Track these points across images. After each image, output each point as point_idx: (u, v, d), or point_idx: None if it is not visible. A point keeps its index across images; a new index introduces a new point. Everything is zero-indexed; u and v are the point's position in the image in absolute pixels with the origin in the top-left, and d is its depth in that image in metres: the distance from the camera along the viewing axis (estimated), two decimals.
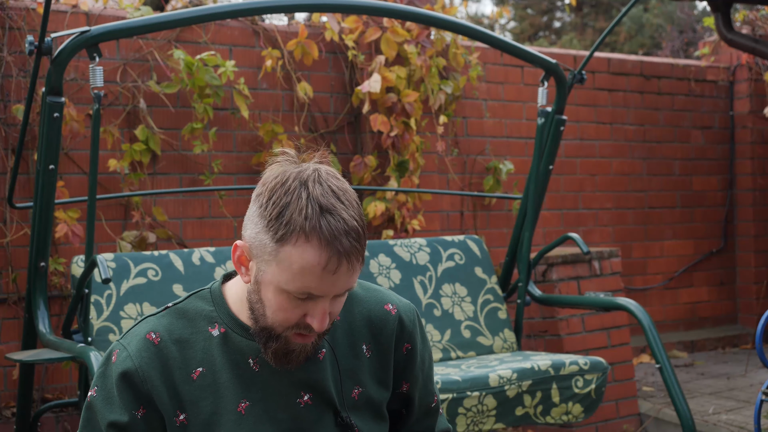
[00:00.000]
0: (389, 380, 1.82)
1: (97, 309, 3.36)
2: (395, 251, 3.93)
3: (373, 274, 3.83)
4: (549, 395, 3.49)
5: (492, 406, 3.37)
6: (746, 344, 6.60)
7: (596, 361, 3.61)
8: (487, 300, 4.02)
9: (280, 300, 1.63)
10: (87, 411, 1.71)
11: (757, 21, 6.59)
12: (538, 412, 3.49)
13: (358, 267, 1.64)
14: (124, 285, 3.43)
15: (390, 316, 1.82)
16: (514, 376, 3.41)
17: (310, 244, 1.58)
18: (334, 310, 1.67)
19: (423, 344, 1.88)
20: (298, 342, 1.67)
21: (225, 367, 1.71)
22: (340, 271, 1.60)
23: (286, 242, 1.59)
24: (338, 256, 1.59)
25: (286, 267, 1.60)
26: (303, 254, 1.59)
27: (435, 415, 1.94)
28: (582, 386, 3.54)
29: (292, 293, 1.62)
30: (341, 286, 1.63)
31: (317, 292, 1.61)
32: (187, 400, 1.69)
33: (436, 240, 4.08)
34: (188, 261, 3.56)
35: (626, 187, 6.40)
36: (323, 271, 1.59)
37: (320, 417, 1.73)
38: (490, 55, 5.72)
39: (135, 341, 1.71)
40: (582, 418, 3.58)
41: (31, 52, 3.10)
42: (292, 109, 4.94)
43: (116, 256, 3.47)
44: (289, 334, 1.66)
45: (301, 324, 1.65)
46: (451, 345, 3.87)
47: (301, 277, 1.60)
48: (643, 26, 14.45)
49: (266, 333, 1.67)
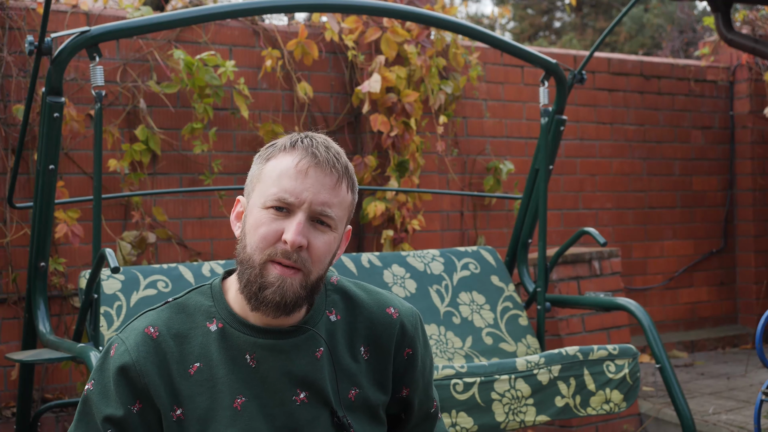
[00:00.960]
0: (388, 384, 1.82)
1: (107, 319, 3.36)
2: (408, 261, 3.93)
3: (387, 284, 3.82)
4: (583, 383, 3.43)
5: (527, 393, 3.33)
6: (746, 344, 6.60)
7: (625, 347, 3.54)
8: (506, 307, 4.01)
9: (259, 217, 1.69)
10: (83, 404, 1.72)
11: (757, 21, 6.59)
12: (577, 403, 3.43)
13: (335, 183, 1.70)
14: (134, 296, 3.42)
15: (391, 320, 1.81)
16: (541, 360, 3.36)
17: (290, 154, 1.71)
18: (314, 241, 1.69)
19: (425, 349, 1.87)
20: (275, 272, 1.68)
21: (222, 362, 1.71)
22: (312, 174, 1.68)
23: (270, 158, 1.72)
24: (312, 157, 1.69)
25: (266, 178, 1.70)
26: (282, 160, 1.70)
27: (434, 420, 1.94)
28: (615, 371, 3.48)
29: (269, 202, 1.68)
30: (315, 194, 1.68)
31: (290, 196, 1.67)
32: (184, 395, 1.69)
33: (449, 251, 4.07)
34: (198, 273, 3.55)
35: (626, 187, 6.40)
36: (297, 170, 1.68)
37: (316, 416, 1.73)
38: (490, 55, 5.72)
39: (133, 335, 1.72)
40: (624, 407, 3.49)
41: (31, 52, 3.10)
42: (292, 109, 4.94)
43: (125, 269, 3.47)
44: (266, 261, 1.68)
45: (278, 248, 1.67)
46: (474, 351, 3.85)
47: (278, 181, 1.68)
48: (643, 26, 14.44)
49: (246, 266, 1.70)
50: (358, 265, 3.80)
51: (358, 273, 3.77)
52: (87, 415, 1.71)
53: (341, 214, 1.72)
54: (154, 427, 1.69)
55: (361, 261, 3.83)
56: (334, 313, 1.79)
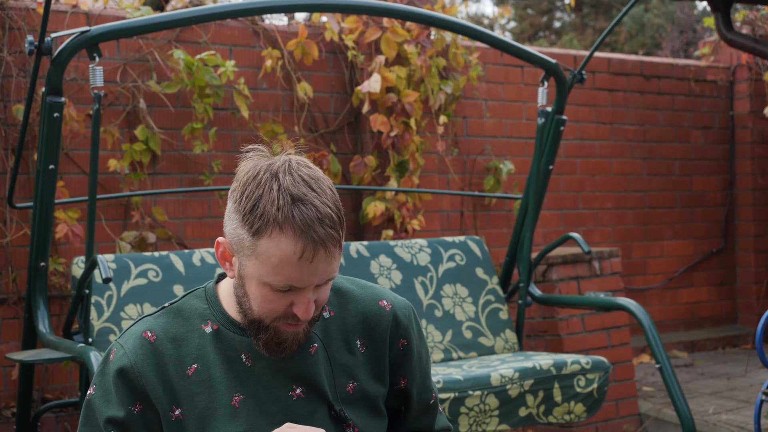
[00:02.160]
0: (385, 376, 1.84)
1: (97, 310, 3.36)
2: (396, 252, 3.93)
3: (374, 275, 3.83)
4: (551, 395, 3.49)
5: (494, 406, 3.37)
6: (746, 344, 6.60)
7: (598, 361, 3.60)
8: (488, 301, 4.02)
9: (264, 293, 1.66)
10: (86, 408, 1.75)
11: (757, 21, 6.59)
12: (540, 412, 3.48)
13: (336, 253, 1.66)
14: (125, 286, 3.43)
15: (384, 312, 1.83)
16: (516, 375, 3.41)
17: (285, 235, 1.61)
18: (321, 297, 1.70)
19: (420, 340, 1.89)
20: (289, 331, 1.70)
21: (218, 362, 1.74)
22: (317, 260, 1.63)
23: (261, 235, 1.63)
24: (314, 245, 1.61)
25: (265, 260, 1.63)
26: (279, 245, 1.61)
27: (434, 412, 1.95)
28: (584, 385, 3.53)
29: (274, 286, 1.65)
30: (321, 274, 1.65)
31: (298, 284, 1.64)
32: (183, 395, 1.72)
33: (436, 241, 4.07)
34: (189, 262, 3.56)
35: (626, 187, 6.40)
36: (300, 260, 1.62)
37: (313, 410, 1.75)
38: (490, 55, 5.72)
39: (132, 339, 1.74)
40: (584, 418, 3.58)
41: (31, 52, 3.10)
42: (292, 109, 4.94)
43: (117, 257, 3.47)
44: (277, 324, 1.69)
45: (288, 314, 1.68)
46: (453, 345, 3.87)
47: (281, 269, 1.62)
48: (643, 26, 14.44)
49: (255, 325, 1.70)
50: (345, 255, 3.81)
51: (345, 263, 3.78)
52: (90, 418, 1.74)
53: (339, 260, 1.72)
54: (155, 428, 1.72)
55: (349, 251, 3.84)
56: (327, 309, 1.82)
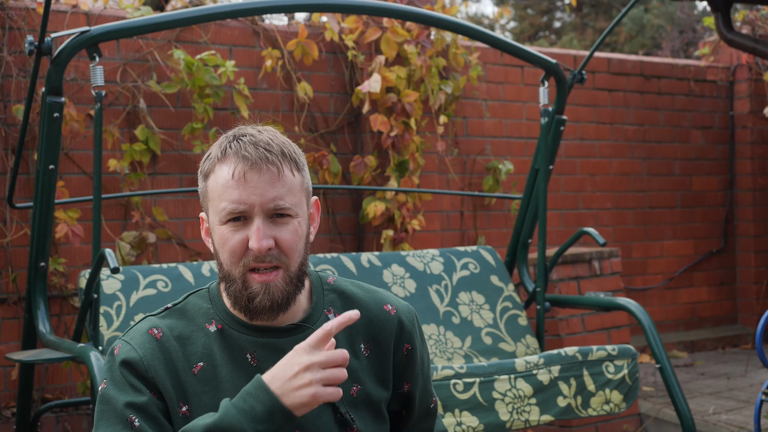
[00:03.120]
0: (389, 380, 1.84)
1: (107, 319, 3.36)
2: (408, 261, 3.93)
3: (387, 284, 3.82)
4: (583, 383, 3.43)
5: (528, 392, 3.33)
6: (746, 344, 6.60)
7: (624, 348, 3.55)
8: (505, 307, 4.01)
9: (222, 233, 1.71)
10: (100, 404, 1.71)
11: (757, 21, 6.59)
12: (579, 404, 3.44)
13: (276, 175, 1.69)
14: (134, 296, 3.42)
15: (389, 317, 1.84)
16: (540, 361, 3.37)
17: (224, 163, 1.71)
18: (281, 236, 1.71)
19: (422, 345, 1.90)
20: (257, 281, 1.70)
21: (224, 362, 1.74)
22: (251, 178, 1.68)
23: (209, 174, 1.73)
24: (245, 162, 1.68)
25: (213, 196, 1.71)
26: (219, 173, 1.71)
27: (434, 416, 1.96)
28: (614, 372, 3.49)
29: (223, 218, 1.69)
30: (262, 195, 1.68)
31: (240, 206, 1.68)
32: (190, 392, 1.72)
33: (448, 250, 4.07)
34: (198, 272, 3.55)
35: (626, 187, 6.40)
36: (235, 180, 1.68)
37: (318, 413, 1.75)
38: (490, 55, 5.72)
39: (138, 335, 1.74)
40: (624, 408, 3.50)
41: (31, 52, 3.10)
42: (292, 109, 4.94)
43: (125, 269, 3.46)
44: (245, 274, 1.70)
45: (249, 256, 1.70)
46: (473, 351, 3.85)
47: (224, 194, 1.69)
48: (643, 27, 14.44)
49: (228, 281, 1.72)
50: (357, 265, 3.80)
51: (357, 273, 3.77)
52: (106, 412, 1.70)
53: (296, 198, 1.73)
54: (167, 417, 1.71)
55: (361, 261, 3.83)
56: (332, 312, 1.81)
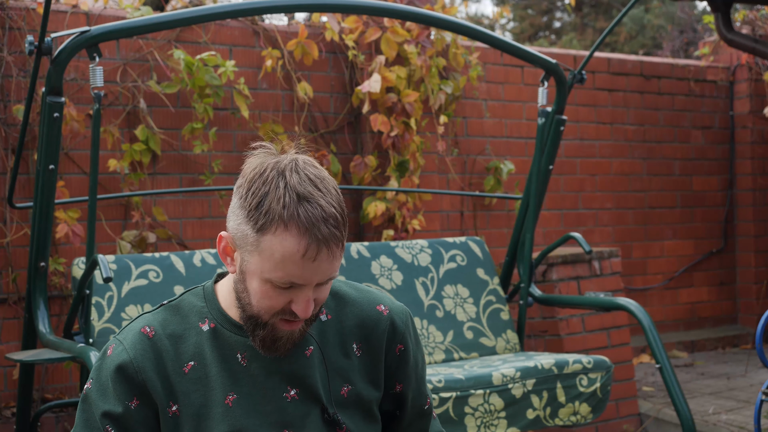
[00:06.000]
0: (380, 380, 1.84)
1: (98, 310, 3.36)
2: (396, 253, 3.93)
3: (374, 276, 3.82)
4: (555, 395, 3.47)
5: (500, 406, 3.35)
6: (746, 344, 6.60)
7: (600, 360, 3.59)
8: (489, 301, 4.02)
9: (265, 289, 1.67)
10: (82, 402, 1.76)
11: (757, 21, 6.59)
12: (547, 415, 3.47)
13: (338, 253, 1.67)
14: (125, 287, 3.42)
15: (382, 317, 1.84)
16: (517, 374, 3.40)
17: (289, 233, 1.62)
18: (320, 296, 1.71)
19: (416, 346, 1.90)
20: (285, 329, 1.71)
21: (214, 361, 1.75)
22: (320, 258, 1.64)
23: (266, 231, 1.63)
24: (317, 243, 1.63)
25: (267, 256, 1.64)
26: (283, 243, 1.63)
27: (428, 417, 1.96)
28: (587, 385, 3.52)
29: (275, 282, 1.66)
30: (323, 273, 1.66)
31: (299, 281, 1.65)
32: (179, 391, 1.73)
33: (437, 241, 4.07)
34: (189, 262, 3.56)
35: (626, 187, 6.40)
36: (303, 258, 1.63)
37: (307, 412, 1.76)
38: (490, 55, 5.72)
39: (131, 335, 1.76)
40: (591, 419, 3.56)
41: (31, 52, 3.10)
42: (292, 109, 4.94)
43: (117, 258, 3.47)
44: (275, 320, 1.70)
45: (287, 311, 1.69)
46: (454, 346, 3.86)
47: (283, 266, 1.64)
48: (644, 27, 14.44)
49: (253, 321, 1.71)
50: (346, 255, 3.81)
51: (346, 264, 3.78)
52: (86, 412, 1.74)
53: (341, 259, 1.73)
54: (151, 423, 1.73)
55: (350, 251, 3.84)
56: (324, 312, 1.82)
